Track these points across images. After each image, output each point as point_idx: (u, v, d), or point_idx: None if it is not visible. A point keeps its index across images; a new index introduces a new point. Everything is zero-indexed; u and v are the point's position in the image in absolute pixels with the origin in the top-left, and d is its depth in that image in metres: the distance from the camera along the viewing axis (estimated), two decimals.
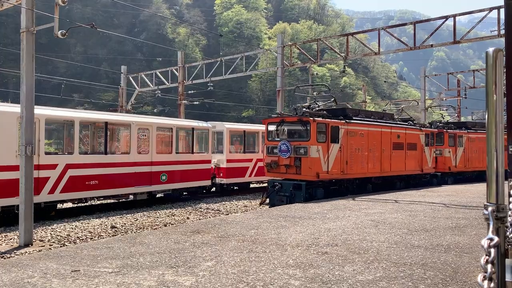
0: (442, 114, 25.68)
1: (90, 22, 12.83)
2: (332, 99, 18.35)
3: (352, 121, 16.40)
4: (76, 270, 5.61)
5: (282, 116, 15.90)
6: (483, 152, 23.56)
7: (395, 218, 10.32)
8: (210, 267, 5.79)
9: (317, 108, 16.96)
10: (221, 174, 19.83)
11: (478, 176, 24.32)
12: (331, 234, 8.19)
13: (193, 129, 17.94)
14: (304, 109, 15.69)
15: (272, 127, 16.08)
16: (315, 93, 23.60)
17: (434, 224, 9.49)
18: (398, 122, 19.80)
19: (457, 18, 17.71)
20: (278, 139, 15.53)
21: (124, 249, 6.86)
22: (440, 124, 23.58)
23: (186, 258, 6.30)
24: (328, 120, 15.38)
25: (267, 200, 15.46)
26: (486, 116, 2.55)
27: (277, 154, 15.16)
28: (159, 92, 28.65)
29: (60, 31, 9.72)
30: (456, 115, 34.18)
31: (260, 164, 21.01)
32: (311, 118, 14.73)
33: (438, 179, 21.95)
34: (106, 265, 5.90)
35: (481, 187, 19.97)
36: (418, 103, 31.51)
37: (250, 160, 21.01)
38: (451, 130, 23.18)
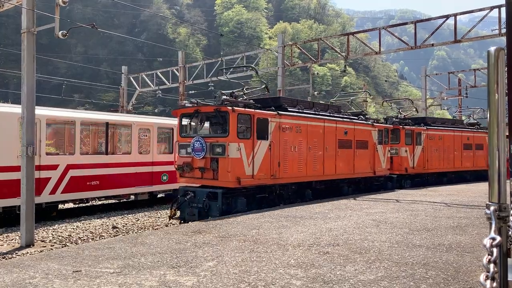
0: (398, 109, 23.09)
1: (91, 22, 12.83)
2: (263, 86, 14.92)
3: (287, 113, 13.46)
4: (77, 271, 5.61)
5: (198, 106, 12.45)
6: (444, 151, 21.94)
7: (397, 218, 10.31)
8: (212, 267, 5.78)
9: (246, 97, 13.70)
10: None
11: (438, 179, 21.99)
12: (333, 234, 8.19)
13: None
14: (224, 96, 12.42)
15: (186, 120, 12.96)
16: (316, 92, 23.48)
17: (436, 224, 9.48)
18: (346, 116, 16.84)
19: (458, 17, 17.69)
20: (193, 135, 12.41)
21: (125, 249, 6.86)
22: (396, 120, 20.73)
23: (188, 258, 6.30)
24: (253, 110, 12.31)
25: (178, 213, 12.32)
26: (488, 115, 2.55)
27: (190, 154, 12.08)
28: (160, 92, 28.65)
29: (61, 31, 9.73)
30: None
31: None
32: (230, 108, 11.53)
33: (393, 182, 19.29)
34: (107, 265, 5.90)
35: (482, 186, 19.95)
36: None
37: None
38: (409, 127, 20.34)
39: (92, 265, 5.90)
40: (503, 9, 15.87)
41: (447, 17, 18.07)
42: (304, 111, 14.54)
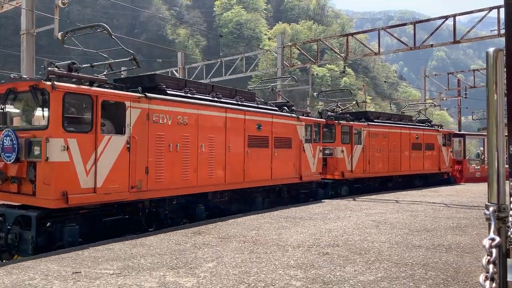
0: (336, 103, 19.17)
1: (90, 23, 12.82)
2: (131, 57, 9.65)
3: (162, 96, 9.61)
4: (77, 272, 5.61)
5: (14, 82, 8.34)
6: (389, 151, 18.42)
7: (396, 218, 10.31)
8: (211, 268, 5.78)
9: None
10: None
11: (382, 185, 18.54)
12: (332, 235, 8.19)
13: None
14: (51, 68, 8.04)
15: None
16: (315, 93, 23.44)
17: (435, 224, 9.48)
18: (262, 106, 13.17)
19: (457, 18, 17.72)
20: (3, 126, 8.40)
21: (125, 251, 6.86)
22: (332, 114, 16.96)
23: (187, 259, 6.30)
24: (96, 89, 8.24)
25: None
26: (487, 115, 2.55)
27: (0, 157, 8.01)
28: None
29: (60, 32, 9.75)
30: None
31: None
32: (50, 84, 7.53)
33: (327, 189, 15.69)
34: (107, 266, 5.90)
35: (482, 186, 19.94)
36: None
37: None
38: (346, 122, 16.51)
39: (91, 266, 5.89)
40: (502, 10, 15.91)
41: (446, 17, 18.11)
42: (188, 95, 10.41)
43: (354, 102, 20.52)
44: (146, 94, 9.01)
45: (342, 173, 16.07)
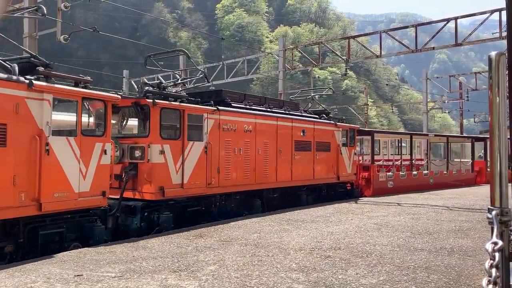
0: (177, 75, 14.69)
1: (92, 26, 12.86)
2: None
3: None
4: (79, 275, 5.61)
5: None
6: (258, 152, 12.22)
7: (398, 221, 10.29)
8: (213, 271, 5.78)
9: None
10: None
11: (244, 204, 12.08)
12: (334, 238, 8.18)
13: None
14: None
15: None
16: (316, 96, 23.43)
17: (437, 227, 9.46)
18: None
19: (458, 20, 17.72)
20: None
21: (127, 254, 6.86)
22: (153, 90, 10.07)
23: (189, 262, 6.29)
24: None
25: None
26: (489, 118, 2.55)
27: None
28: None
29: (63, 35, 9.78)
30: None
31: None
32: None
33: (112, 217, 8.92)
34: (109, 269, 5.90)
35: (484, 189, 19.90)
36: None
37: None
38: (172, 103, 10.04)
39: (93, 269, 5.89)
40: (504, 13, 15.90)
41: (448, 20, 18.11)
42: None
43: (201, 73, 12.88)
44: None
45: (161, 189, 9.40)
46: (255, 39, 75.02)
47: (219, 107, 11.00)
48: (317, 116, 15.41)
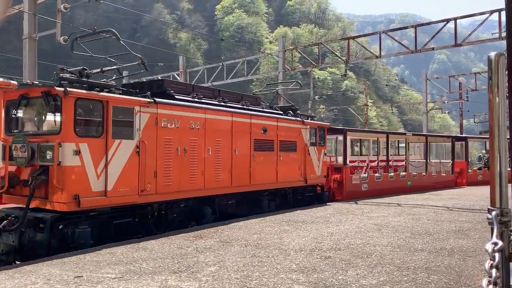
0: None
1: (92, 27, 12.85)
2: None
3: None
4: (79, 276, 5.61)
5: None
6: (208, 152, 10.52)
7: (398, 222, 10.29)
8: (213, 272, 5.77)
9: None
10: None
11: (191, 213, 10.28)
12: (334, 238, 8.18)
13: None
14: None
15: None
16: (316, 97, 23.39)
17: (437, 228, 9.46)
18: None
19: (458, 21, 17.74)
20: None
21: (126, 255, 6.86)
22: (70, 78, 8.24)
23: (189, 263, 6.29)
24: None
25: None
26: (489, 119, 2.56)
27: None
28: None
29: (62, 36, 9.78)
30: None
31: None
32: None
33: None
34: (109, 270, 5.90)
35: (484, 189, 19.91)
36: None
37: None
38: (88, 93, 8.11)
39: (93, 271, 5.89)
40: (504, 13, 15.91)
41: (447, 21, 18.13)
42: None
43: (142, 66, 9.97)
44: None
45: (77, 198, 7.69)
46: (254, 40, 75.09)
47: (157, 99, 9.16)
48: (281, 113, 13.81)
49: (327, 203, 14.55)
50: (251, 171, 11.71)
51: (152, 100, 9.02)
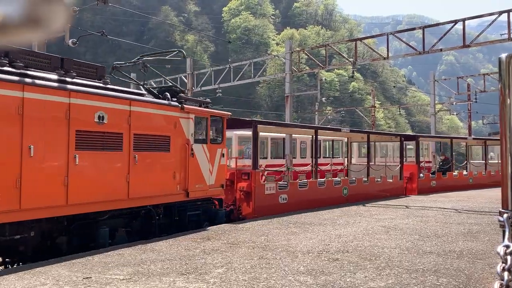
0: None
1: (100, 30, 12.94)
2: None
3: None
4: (87, 277, 5.64)
5: None
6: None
7: (406, 224, 10.23)
8: (221, 274, 5.77)
9: None
10: None
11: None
12: (342, 241, 8.14)
13: None
14: None
15: None
16: (323, 98, 23.29)
17: (446, 230, 9.39)
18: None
19: (466, 21, 17.62)
20: None
21: (135, 256, 6.88)
22: None
23: (197, 265, 6.30)
24: None
25: None
26: (500, 120, 2.53)
27: None
28: None
29: (71, 39, 9.86)
30: None
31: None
32: None
33: None
34: (117, 272, 5.92)
35: (492, 192, 19.64)
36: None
37: None
38: None
39: (102, 272, 5.92)
40: None
41: (455, 22, 18.01)
42: None
43: None
44: None
45: None
46: (261, 41, 75.20)
47: None
48: (139, 92, 9.55)
49: (228, 222, 10.79)
50: (69, 182, 7.26)
51: None
